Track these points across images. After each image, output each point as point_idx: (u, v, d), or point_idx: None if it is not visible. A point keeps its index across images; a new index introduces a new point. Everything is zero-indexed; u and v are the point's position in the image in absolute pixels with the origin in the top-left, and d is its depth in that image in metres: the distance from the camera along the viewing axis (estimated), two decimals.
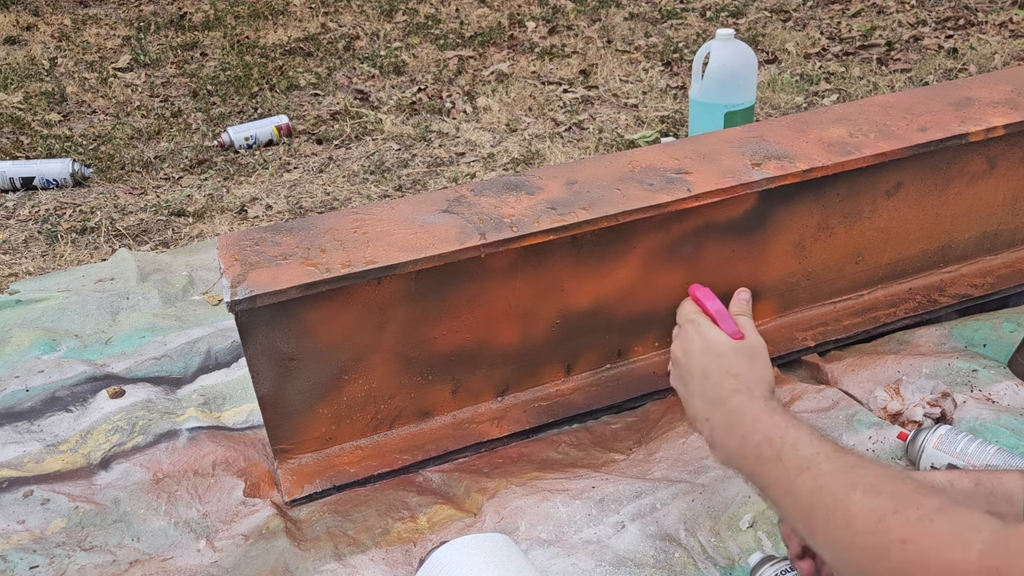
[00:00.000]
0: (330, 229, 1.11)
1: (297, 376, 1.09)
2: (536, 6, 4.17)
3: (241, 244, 1.08)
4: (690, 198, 1.14)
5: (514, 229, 1.09)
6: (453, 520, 1.08)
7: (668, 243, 1.21)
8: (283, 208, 2.22)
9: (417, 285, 1.08)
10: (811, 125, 1.33)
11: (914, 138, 1.27)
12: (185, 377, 1.43)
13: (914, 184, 1.33)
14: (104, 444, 1.26)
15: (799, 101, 2.75)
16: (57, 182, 2.40)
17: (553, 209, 1.13)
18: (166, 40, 3.89)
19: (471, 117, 2.82)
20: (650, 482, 1.10)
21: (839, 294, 1.40)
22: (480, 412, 1.23)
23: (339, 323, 1.08)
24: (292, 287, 1.00)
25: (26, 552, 1.08)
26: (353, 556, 1.03)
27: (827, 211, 1.29)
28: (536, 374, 1.25)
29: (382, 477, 1.16)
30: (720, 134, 1.34)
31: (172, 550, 1.09)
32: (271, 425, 1.13)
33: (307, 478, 1.14)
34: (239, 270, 1.02)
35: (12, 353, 1.51)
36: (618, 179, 1.19)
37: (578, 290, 1.19)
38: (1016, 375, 1.25)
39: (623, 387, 1.27)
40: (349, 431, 1.17)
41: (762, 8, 3.83)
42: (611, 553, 1.01)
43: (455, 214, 1.13)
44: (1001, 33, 3.30)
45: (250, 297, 0.98)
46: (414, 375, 1.16)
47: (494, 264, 1.12)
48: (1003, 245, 1.50)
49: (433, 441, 1.19)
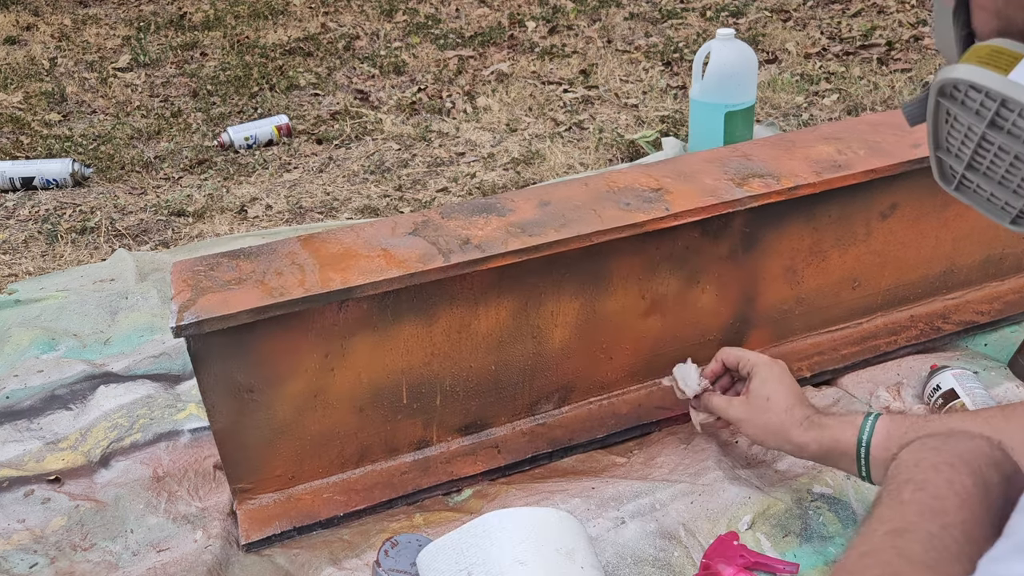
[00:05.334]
0: (290, 253, 1.06)
1: (256, 409, 1.04)
2: (536, 6, 4.16)
3: (195, 270, 1.03)
4: (668, 217, 1.09)
5: (481, 250, 1.03)
6: (451, 520, 1.07)
7: (649, 271, 1.16)
8: (283, 208, 2.22)
9: (380, 311, 1.03)
10: (797, 144, 1.28)
11: (906, 154, 1.22)
12: (184, 374, 1.43)
13: (910, 205, 1.28)
14: (103, 441, 1.26)
15: (799, 101, 2.75)
16: (57, 182, 2.39)
17: (523, 231, 1.07)
18: (166, 40, 3.89)
19: (471, 117, 2.82)
20: (650, 483, 1.10)
21: (836, 322, 1.35)
22: (452, 448, 1.17)
23: (299, 352, 1.02)
24: (242, 311, 0.94)
25: (26, 552, 1.08)
26: (348, 560, 1.03)
27: (819, 234, 1.24)
28: (512, 407, 1.19)
29: (349, 518, 1.09)
30: (701, 154, 1.29)
31: (169, 541, 1.09)
32: (229, 462, 1.07)
33: (267, 521, 1.08)
34: (189, 295, 0.97)
35: (11, 352, 1.51)
36: (593, 199, 1.14)
37: (555, 318, 1.14)
38: (1017, 376, 1.25)
39: (609, 421, 1.22)
40: (313, 469, 1.11)
41: (762, 8, 3.83)
42: (610, 549, 1.01)
43: (421, 237, 1.07)
44: None
45: (197, 322, 0.92)
46: (382, 408, 1.11)
47: (464, 290, 1.06)
48: (1009, 270, 1.44)
49: (403, 479, 1.13)
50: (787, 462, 1.13)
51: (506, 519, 0.88)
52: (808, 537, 1.02)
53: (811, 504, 1.05)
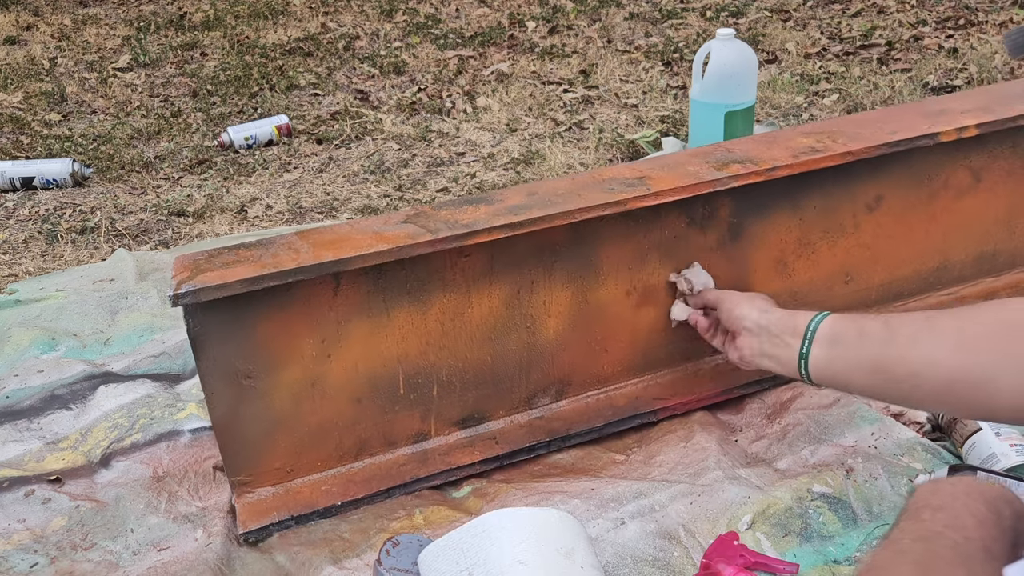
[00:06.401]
0: (287, 242, 1.09)
1: (254, 397, 1.05)
2: (536, 6, 4.17)
3: (196, 259, 1.07)
4: (649, 196, 1.12)
5: (467, 228, 1.06)
6: (451, 520, 1.07)
7: (638, 260, 1.18)
8: (283, 208, 2.22)
9: (374, 294, 1.06)
10: (779, 138, 1.31)
11: (882, 138, 1.24)
12: (184, 374, 1.44)
13: (896, 198, 1.30)
14: (104, 441, 1.26)
15: (799, 101, 2.75)
16: (57, 182, 2.40)
17: (510, 212, 1.11)
18: (166, 40, 3.89)
19: (471, 117, 2.82)
20: (650, 483, 1.10)
21: None
22: (451, 441, 1.18)
23: (295, 335, 1.04)
24: (238, 281, 0.97)
25: (27, 552, 1.08)
26: (349, 560, 1.03)
27: (806, 225, 1.26)
28: (510, 400, 1.20)
29: (347, 507, 1.11)
30: (685, 151, 1.31)
31: (170, 540, 1.09)
32: (228, 454, 1.08)
33: (265, 512, 1.09)
34: (187, 274, 1.00)
35: (11, 352, 1.51)
36: (579, 187, 1.18)
37: (548, 308, 1.16)
38: None
39: (606, 412, 1.23)
40: (311, 462, 1.12)
41: (762, 8, 3.83)
42: (610, 549, 1.01)
43: (412, 223, 1.11)
44: (1002, 33, 3.30)
45: (194, 291, 0.96)
46: (379, 399, 1.12)
47: (455, 274, 1.09)
48: (1004, 266, 1.45)
49: (401, 471, 1.14)
50: (787, 461, 1.13)
51: (506, 519, 0.88)
52: (808, 537, 1.02)
53: (811, 504, 1.05)
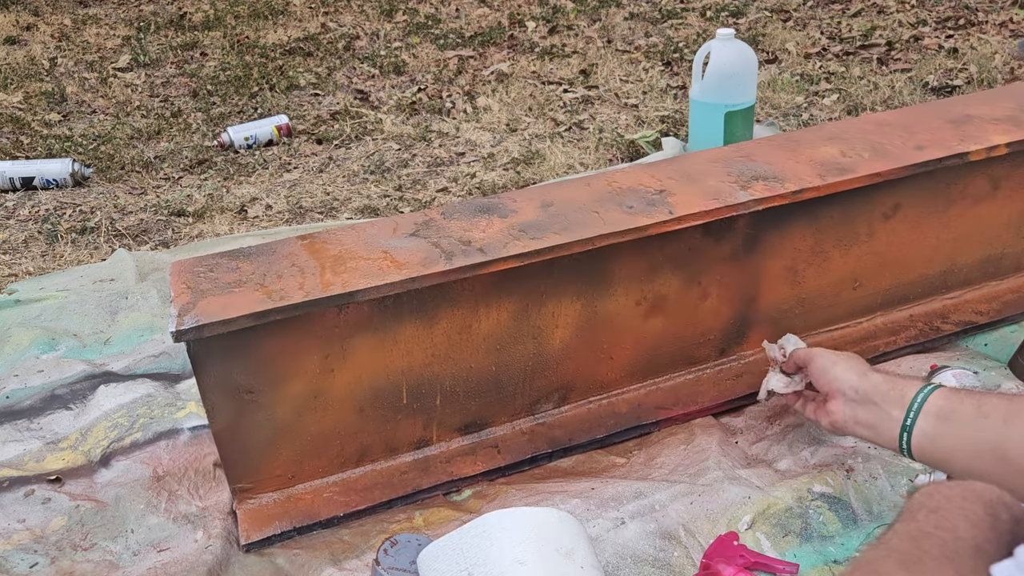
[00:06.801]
0: (290, 254, 1.05)
1: (255, 410, 1.04)
2: (536, 6, 4.16)
3: (195, 271, 1.02)
4: (672, 220, 1.08)
5: (483, 253, 1.02)
6: (451, 520, 1.07)
7: (651, 271, 1.16)
8: (283, 208, 2.22)
9: (381, 313, 1.03)
10: (802, 144, 1.27)
11: (911, 157, 1.21)
12: (184, 373, 1.44)
13: (913, 206, 1.28)
14: (103, 440, 1.26)
15: (799, 101, 2.75)
16: (57, 182, 2.39)
17: (524, 233, 1.06)
18: (166, 40, 3.89)
19: (471, 117, 2.82)
20: (650, 483, 1.10)
21: (836, 321, 1.34)
22: (452, 448, 1.17)
23: (299, 353, 1.02)
24: (242, 316, 0.94)
25: (27, 552, 1.08)
26: (349, 561, 1.03)
27: (820, 234, 1.24)
28: (512, 407, 1.19)
29: (349, 518, 1.09)
30: (705, 154, 1.28)
31: (170, 541, 1.09)
32: (228, 463, 1.07)
33: (267, 521, 1.08)
34: (188, 298, 0.97)
35: (11, 352, 1.51)
36: (596, 201, 1.13)
37: (556, 319, 1.14)
38: (1017, 376, 1.25)
39: (607, 419, 1.22)
40: (312, 469, 1.11)
41: (762, 8, 3.83)
42: (610, 549, 1.01)
43: (422, 238, 1.07)
44: (1001, 33, 3.30)
45: (197, 327, 0.92)
46: (381, 408, 1.10)
47: (465, 292, 1.06)
48: (1008, 269, 1.44)
49: (403, 479, 1.13)
50: (787, 462, 1.13)
51: (506, 519, 0.88)
52: (808, 537, 1.02)
53: (811, 504, 1.05)
